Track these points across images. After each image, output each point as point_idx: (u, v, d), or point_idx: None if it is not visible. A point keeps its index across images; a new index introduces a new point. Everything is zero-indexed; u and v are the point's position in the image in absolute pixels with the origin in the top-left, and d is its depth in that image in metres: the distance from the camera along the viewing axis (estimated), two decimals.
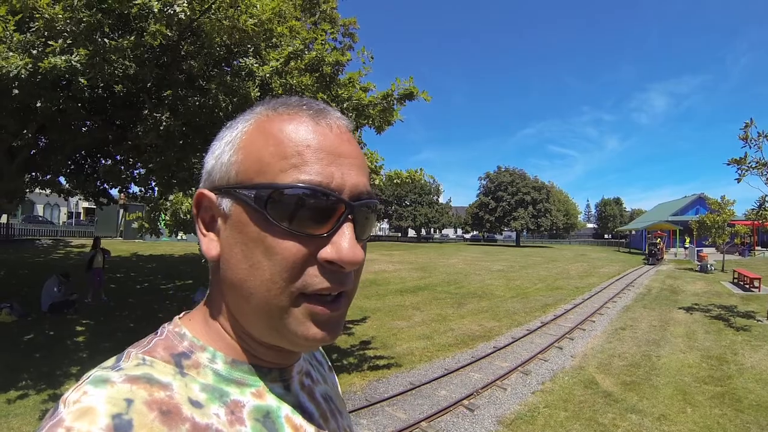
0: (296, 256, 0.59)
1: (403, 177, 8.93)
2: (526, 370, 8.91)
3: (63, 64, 5.56)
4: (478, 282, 22.05)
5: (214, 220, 0.65)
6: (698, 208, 48.29)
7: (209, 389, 0.60)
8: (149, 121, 7.15)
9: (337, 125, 0.66)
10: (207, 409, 0.58)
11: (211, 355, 0.64)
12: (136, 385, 0.54)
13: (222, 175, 0.64)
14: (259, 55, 7.68)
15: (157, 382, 0.56)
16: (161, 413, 0.52)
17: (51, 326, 10.25)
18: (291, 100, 0.67)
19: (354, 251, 0.60)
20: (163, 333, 0.67)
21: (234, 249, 0.62)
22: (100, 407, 0.49)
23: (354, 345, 10.36)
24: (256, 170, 0.61)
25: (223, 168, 0.64)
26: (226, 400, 0.61)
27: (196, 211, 0.66)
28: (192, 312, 0.72)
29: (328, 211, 0.60)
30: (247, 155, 0.62)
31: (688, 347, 10.75)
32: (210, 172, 0.66)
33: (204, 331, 0.67)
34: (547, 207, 67.79)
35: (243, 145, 0.63)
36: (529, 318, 13.99)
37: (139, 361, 0.59)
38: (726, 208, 27.67)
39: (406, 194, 70.66)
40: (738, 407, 7.33)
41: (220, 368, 0.64)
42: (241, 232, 0.61)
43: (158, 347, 0.63)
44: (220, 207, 0.63)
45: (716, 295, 18.77)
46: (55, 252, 23.78)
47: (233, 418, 0.59)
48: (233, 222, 0.62)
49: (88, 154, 11.65)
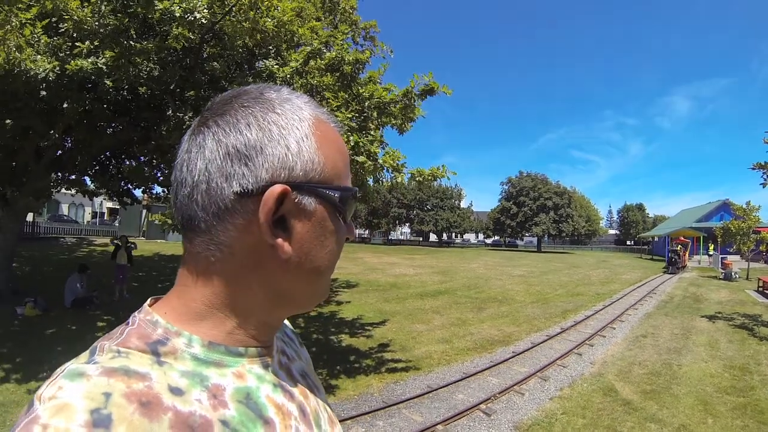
0: (344, 237, 0.73)
1: (426, 174, 8.91)
2: (544, 376, 8.83)
3: (89, 66, 5.68)
4: (499, 287, 21.94)
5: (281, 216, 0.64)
6: (723, 215, 47.57)
7: (189, 375, 0.59)
8: (173, 121, 7.25)
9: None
10: (188, 396, 0.57)
11: (187, 340, 0.63)
12: (114, 377, 0.52)
13: (306, 173, 0.65)
14: (281, 56, 7.74)
15: (135, 373, 0.55)
16: (141, 405, 0.51)
17: (73, 321, 10.44)
18: (317, 105, 0.73)
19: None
20: (134, 322, 0.65)
21: (315, 241, 0.67)
22: (77, 402, 0.48)
23: (372, 347, 10.36)
24: (335, 175, 0.69)
25: (307, 165, 0.65)
26: (207, 384, 0.60)
27: (275, 208, 0.62)
28: (165, 298, 0.70)
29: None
30: (326, 158, 0.67)
31: (710, 356, 10.57)
32: (290, 166, 0.64)
33: (179, 316, 0.65)
34: (568, 212, 67.29)
35: (320, 147, 0.67)
36: (548, 323, 13.87)
37: (114, 354, 0.57)
38: (751, 214, 27.24)
39: (428, 198, 70.63)
40: (761, 419, 7.18)
41: (198, 351, 0.62)
42: (323, 227, 0.68)
43: (131, 337, 0.61)
44: (300, 203, 0.64)
45: (740, 304, 18.43)
46: (79, 250, 24.20)
47: (216, 402, 0.59)
48: (318, 218, 0.67)
49: (113, 155, 11.86)
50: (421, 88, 8.11)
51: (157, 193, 13.64)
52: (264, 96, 0.67)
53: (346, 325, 12.08)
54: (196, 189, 0.63)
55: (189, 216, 0.64)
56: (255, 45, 7.19)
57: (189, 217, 0.64)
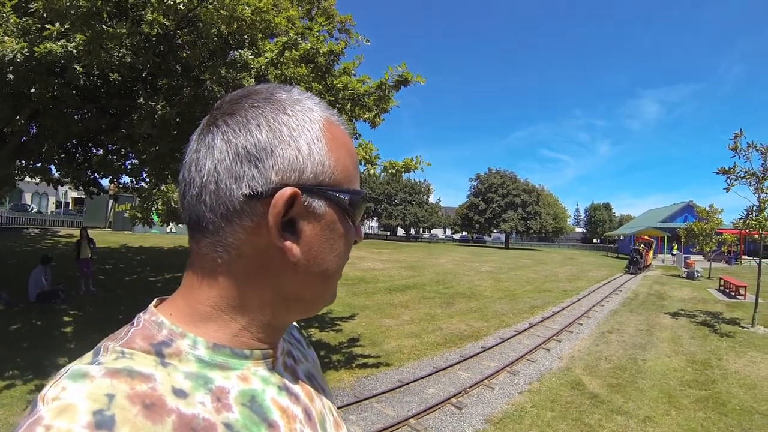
0: (352, 240, 0.73)
1: (399, 166, 8.90)
2: (513, 371, 8.95)
3: (59, 50, 5.51)
4: (467, 282, 22.11)
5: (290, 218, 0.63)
6: (687, 216, 48.73)
7: (193, 377, 0.59)
8: (144, 109, 7.11)
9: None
10: (192, 398, 0.56)
11: (192, 342, 0.62)
12: (117, 378, 0.52)
13: (316, 175, 0.64)
14: (256, 46, 7.65)
15: (139, 375, 0.54)
16: (144, 407, 0.51)
17: (38, 316, 10.18)
18: (326, 106, 0.72)
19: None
20: (139, 323, 0.64)
21: (324, 245, 0.67)
22: (80, 404, 0.48)
23: (342, 342, 10.35)
24: (345, 177, 0.68)
25: (317, 168, 0.64)
26: (211, 387, 0.59)
27: (284, 210, 0.62)
28: (170, 299, 0.69)
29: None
30: (337, 161, 0.67)
31: (674, 352, 10.84)
32: (302, 169, 0.63)
33: (184, 318, 0.65)
34: (536, 210, 68.03)
35: (329, 149, 0.66)
36: (517, 319, 14.05)
37: (118, 354, 0.57)
38: (714, 216, 27.99)
39: (396, 193, 70.67)
40: (722, 411, 7.41)
41: (202, 353, 0.62)
42: (332, 229, 0.67)
43: (136, 338, 0.60)
44: (309, 206, 0.64)
45: (702, 302, 18.93)
46: (43, 241, 23.62)
47: (220, 405, 0.58)
48: (327, 221, 0.66)
49: (80, 143, 11.58)
50: (395, 79, 8.10)
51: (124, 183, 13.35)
52: (274, 96, 0.67)
53: (315, 319, 12.02)
54: (205, 190, 0.62)
55: (197, 217, 0.64)
56: (230, 33, 7.09)
57: (197, 217, 0.64)
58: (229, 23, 6.44)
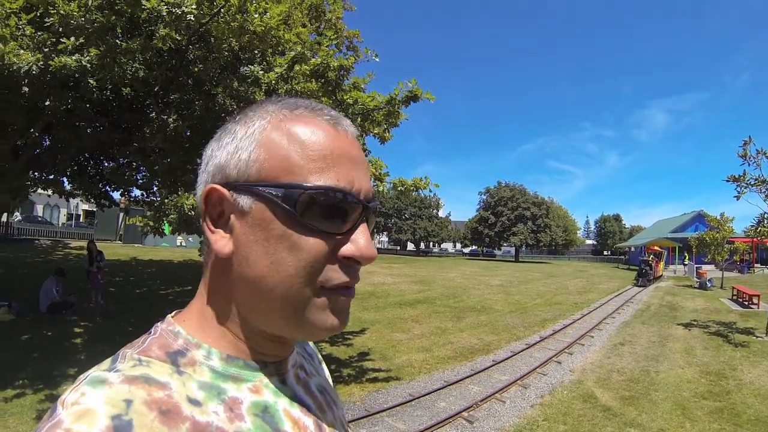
0: (320, 252, 0.62)
1: (408, 185, 8.93)
2: (525, 384, 8.88)
3: (73, 64, 5.59)
4: (477, 296, 22.02)
5: (223, 216, 0.65)
6: (697, 225, 48.36)
7: (207, 387, 0.60)
8: (156, 123, 7.18)
9: (351, 131, 0.69)
10: (206, 407, 0.57)
11: (207, 352, 0.64)
12: (135, 385, 0.53)
13: (240, 172, 0.64)
14: (266, 61, 7.71)
15: (156, 382, 0.55)
16: (161, 413, 0.52)
17: (49, 327, 10.22)
18: (304, 103, 0.69)
19: (372, 248, 0.65)
20: (156, 332, 0.66)
21: (253, 246, 0.62)
22: (99, 408, 0.49)
23: (353, 356, 10.33)
24: (283, 169, 0.62)
25: (241, 164, 0.64)
26: (224, 398, 0.60)
27: (204, 206, 0.65)
28: (185, 310, 0.71)
29: (350, 212, 0.64)
30: (272, 154, 0.63)
31: (687, 363, 10.73)
32: (223, 167, 0.65)
33: (198, 328, 0.67)
34: (546, 222, 67.86)
35: (264, 143, 0.64)
36: (527, 332, 13.97)
37: (135, 362, 0.58)
38: (725, 225, 27.73)
39: (406, 207, 70.74)
40: (737, 422, 7.31)
41: (216, 364, 0.63)
42: (263, 229, 0.62)
43: (153, 346, 0.62)
44: (236, 203, 0.63)
45: (715, 312, 18.75)
46: (54, 253, 23.78)
47: (232, 415, 0.59)
48: (254, 219, 0.63)
49: (92, 156, 11.67)
50: (405, 95, 8.14)
51: (135, 197, 13.43)
52: (251, 108, 0.70)
53: None
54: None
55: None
56: (241, 48, 7.16)
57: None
58: (239, 36, 6.49)
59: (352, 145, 0.68)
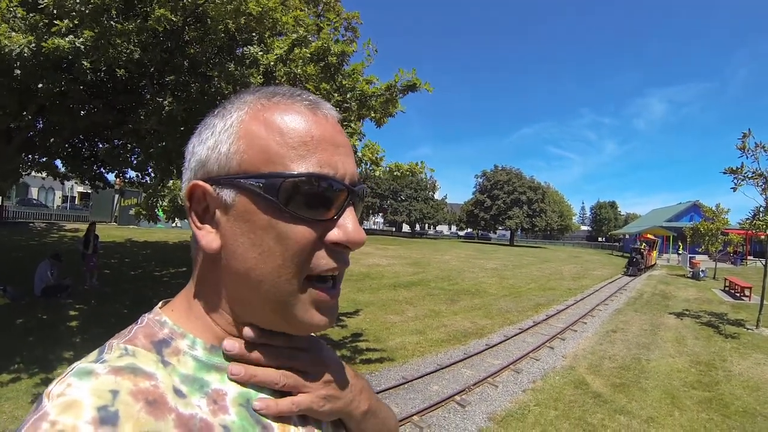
0: (307, 240, 0.62)
1: (404, 169, 8.92)
2: (517, 369, 8.94)
3: (67, 46, 5.53)
4: (472, 279, 22.11)
5: (209, 211, 0.65)
6: (692, 215, 48.55)
7: (189, 380, 0.60)
8: (151, 105, 7.13)
9: (331, 115, 0.69)
10: (190, 399, 0.58)
11: (191, 342, 0.64)
12: (121, 375, 0.53)
13: (221, 166, 0.63)
14: (264, 43, 7.66)
15: (142, 372, 0.55)
16: (147, 403, 0.52)
17: (44, 310, 10.20)
18: (282, 90, 0.68)
19: (360, 232, 0.65)
20: (143, 321, 0.66)
21: (240, 239, 0.62)
22: (85, 400, 0.49)
23: (346, 337, 10.37)
24: (263, 159, 0.62)
25: (221, 158, 0.63)
26: (207, 391, 0.60)
27: (189, 203, 0.66)
28: (173, 300, 0.71)
29: (335, 198, 0.64)
30: (251, 145, 0.63)
31: (678, 352, 10.82)
32: (204, 162, 0.65)
33: (185, 319, 0.67)
34: (542, 207, 67.90)
35: (243, 134, 0.63)
36: (521, 317, 14.04)
37: (121, 352, 0.58)
38: (720, 216, 27.87)
39: (402, 189, 70.59)
40: (725, 412, 7.39)
41: (200, 354, 0.63)
42: (248, 221, 0.62)
43: (139, 335, 0.62)
44: (220, 198, 0.63)
45: (707, 302, 18.90)
46: (49, 236, 23.72)
47: (216, 407, 0.60)
48: (238, 212, 0.62)
49: (86, 138, 11.59)
50: (404, 84, 8.12)
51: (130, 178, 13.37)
52: (230, 101, 0.69)
53: None
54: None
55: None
56: (237, 29, 7.09)
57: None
58: (235, 17, 6.43)
59: (334, 129, 0.67)
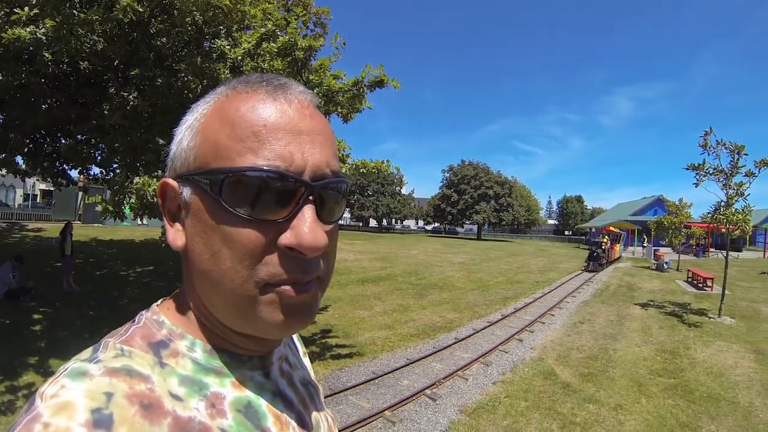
0: (255, 243, 0.56)
1: (370, 167, 8.95)
2: (487, 361, 9.03)
3: (28, 36, 5.35)
4: (440, 273, 22.21)
5: (180, 209, 0.63)
6: (656, 209, 49.80)
7: (188, 382, 0.58)
8: (115, 100, 6.97)
9: (298, 100, 0.62)
10: (187, 403, 0.56)
11: (190, 343, 0.62)
12: (116, 377, 0.52)
13: (182, 162, 0.61)
14: (231, 37, 7.56)
15: (138, 374, 0.54)
16: (142, 407, 0.51)
17: (6, 314, 9.84)
18: (251, 78, 0.64)
19: (314, 235, 0.57)
20: (141, 320, 0.64)
21: (195, 238, 0.60)
22: (78, 401, 0.47)
23: (315, 333, 10.33)
24: (213, 155, 0.58)
25: (183, 154, 0.62)
26: (206, 393, 0.59)
27: (161, 201, 0.64)
28: (169, 299, 0.69)
29: (287, 195, 0.57)
30: (205, 139, 0.60)
31: (643, 341, 11.07)
32: (173, 159, 0.63)
33: (182, 319, 0.65)
34: (509, 202, 68.43)
35: (201, 129, 0.61)
36: (489, 310, 14.19)
37: (117, 352, 0.56)
38: (683, 210, 28.62)
39: (369, 184, 70.45)
40: (690, 398, 7.60)
41: (199, 357, 0.62)
42: (200, 220, 0.59)
43: (136, 336, 0.60)
44: (181, 195, 0.61)
45: (671, 293, 19.36)
46: (10, 236, 23.03)
47: (214, 411, 0.58)
48: (193, 210, 0.60)
49: (48, 133, 11.26)
50: (371, 80, 8.11)
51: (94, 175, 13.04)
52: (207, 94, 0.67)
53: None
54: None
55: None
56: (204, 22, 6.98)
57: None
58: (205, 10, 6.32)
59: (299, 114, 0.61)
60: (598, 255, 27.83)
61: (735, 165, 13.63)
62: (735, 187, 13.92)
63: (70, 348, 7.81)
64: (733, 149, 13.54)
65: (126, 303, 11.26)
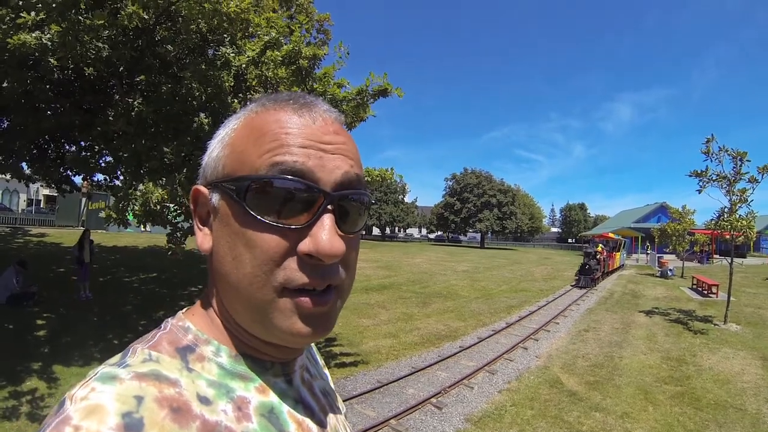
0: (275, 249, 0.58)
1: (374, 175, 8.94)
2: (492, 370, 8.99)
3: (33, 42, 5.36)
4: (443, 282, 22.19)
5: (209, 215, 0.66)
6: (660, 216, 49.65)
7: (216, 385, 0.59)
8: (120, 106, 6.97)
9: (323, 117, 0.65)
10: (215, 406, 0.57)
11: (216, 348, 0.64)
12: (145, 381, 0.52)
13: (212, 171, 0.65)
14: (236, 44, 7.56)
15: (166, 379, 0.55)
16: (172, 410, 0.52)
17: (10, 319, 9.85)
18: (280, 96, 0.67)
19: (332, 243, 0.58)
20: (167, 327, 0.66)
21: (221, 242, 0.63)
22: (109, 405, 0.48)
23: (319, 342, 10.27)
24: (239, 163, 0.61)
25: (213, 163, 0.65)
26: (233, 396, 0.60)
27: (193, 207, 0.68)
28: (194, 306, 0.71)
29: (307, 203, 0.59)
30: (233, 149, 0.63)
31: (649, 349, 11.01)
32: (204, 168, 0.68)
33: (207, 325, 0.67)
34: (512, 210, 68.46)
35: (230, 141, 0.65)
36: (494, 319, 14.15)
37: (145, 357, 0.57)
38: (687, 217, 28.50)
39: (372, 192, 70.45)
40: (697, 406, 7.55)
41: (225, 362, 0.63)
42: (226, 225, 0.62)
43: (163, 341, 0.62)
44: (211, 201, 0.65)
45: (676, 300, 19.27)
46: (14, 240, 23.05)
47: (240, 414, 0.59)
48: (221, 215, 0.63)
49: (52, 139, 11.28)
50: (375, 89, 8.11)
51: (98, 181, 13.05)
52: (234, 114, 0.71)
53: None
54: None
55: None
56: (209, 30, 6.99)
57: None
58: (211, 18, 6.33)
59: (323, 130, 0.63)
60: (590, 268, 23.70)
61: (738, 171, 13.63)
62: (738, 194, 13.92)
63: (74, 354, 7.81)
64: (735, 156, 13.54)
65: (129, 309, 11.25)
